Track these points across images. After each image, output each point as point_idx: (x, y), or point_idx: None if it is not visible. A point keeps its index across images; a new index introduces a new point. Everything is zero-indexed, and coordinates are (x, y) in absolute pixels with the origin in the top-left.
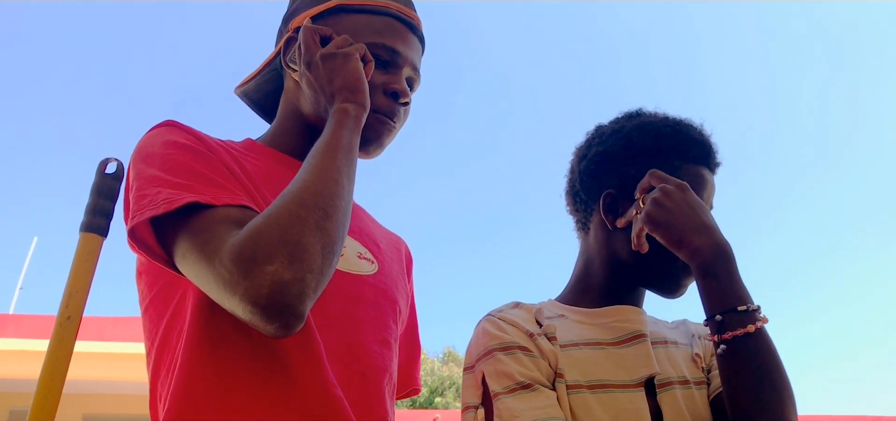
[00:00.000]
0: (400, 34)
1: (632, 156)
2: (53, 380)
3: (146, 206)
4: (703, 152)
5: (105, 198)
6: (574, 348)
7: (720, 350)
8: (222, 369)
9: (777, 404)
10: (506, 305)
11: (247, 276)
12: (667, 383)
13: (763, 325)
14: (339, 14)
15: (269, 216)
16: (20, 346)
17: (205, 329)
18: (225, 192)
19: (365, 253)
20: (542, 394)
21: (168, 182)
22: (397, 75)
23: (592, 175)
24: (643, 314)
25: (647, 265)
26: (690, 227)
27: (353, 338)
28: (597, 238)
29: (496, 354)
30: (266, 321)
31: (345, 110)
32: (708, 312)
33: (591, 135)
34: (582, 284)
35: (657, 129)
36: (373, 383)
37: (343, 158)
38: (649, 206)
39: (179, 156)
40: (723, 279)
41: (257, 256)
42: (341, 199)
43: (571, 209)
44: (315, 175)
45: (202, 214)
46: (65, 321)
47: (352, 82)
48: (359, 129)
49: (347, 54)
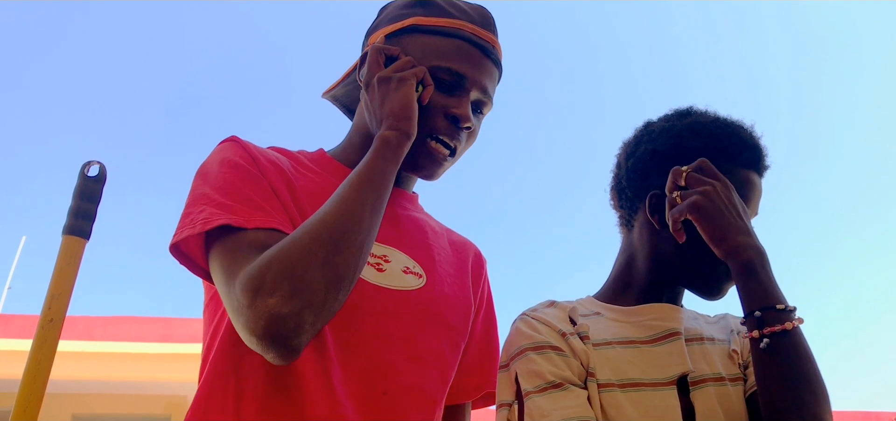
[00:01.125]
0: (470, 58)
1: (681, 156)
2: (36, 381)
3: (187, 225)
4: (754, 157)
5: (87, 200)
6: (607, 347)
7: (764, 344)
8: (242, 380)
9: (812, 402)
10: (541, 304)
11: (250, 306)
12: (700, 381)
13: (799, 325)
14: (413, 34)
15: (280, 248)
16: (8, 346)
17: (235, 342)
18: (261, 214)
19: (413, 267)
20: (572, 393)
21: (212, 201)
22: (461, 100)
23: (640, 173)
24: (679, 311)
25: (692, 266)
26: (736, 226)
27: (380, 356)
28: (641, 236)
29: (528, 353)
30: (263, 351)
31: (386, 139)
32: (746, 308)
33: (640, 132)
34: (621, 281)
35: (709, 130)
36: (395, 402)
37: (370, 190)
38: (699, 196)
39: (229, 175)
40: (762, 278)
41: (263, 287)
42: (358, 233)
43: (616, 205)
44: (335, 208)
45: (232, 236)
46: (47, 323)
47: (399, 110)
48: (398, 158)
49: (402, 79)
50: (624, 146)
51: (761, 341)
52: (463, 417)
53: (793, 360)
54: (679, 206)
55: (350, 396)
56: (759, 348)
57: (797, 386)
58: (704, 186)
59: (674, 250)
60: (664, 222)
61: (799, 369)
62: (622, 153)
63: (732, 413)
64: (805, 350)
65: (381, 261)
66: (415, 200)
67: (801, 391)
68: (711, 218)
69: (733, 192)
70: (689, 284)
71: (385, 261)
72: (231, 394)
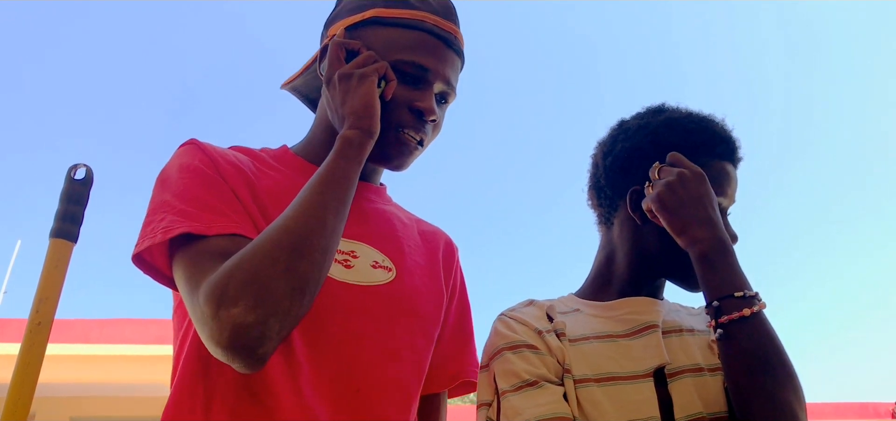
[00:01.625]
0: (432, 50)
1: (659, 151)
2: (24, 385)
3: (148, 235)
4: (729, 149)
5: (74, 203)
6: (584, 342)
7: (717, 335)
8: (211, 388)
9: (776, 388)
10: (519, 304)
11: (214, 316)
12: (677, 372)
13: (761, 309)
14: (374, 26)
15: (242, 256)
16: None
17: (201, 347)
18: (222, 219)
19: (382, 261)
20: (547, 390)
21: (172, 208)
22: (425, 92)
23: (619, 171)
24: (657, 304)
25: (675, 259)
26: (696, 217)
27: (351, 354)
28: (622, 232)
29: (505, 353)
30: (229, 360)
31: (348, 139)
32: (707, 298)
33: (615, 130)
34: (602, 277)
35: (684, 125)
36: (369, 398)
37: (332, 192)
38: (662, 188)
39: (188, 181)
40: (721, 268)
41: (225, 297)
42: (321, 238)
43: (594, 204)
44: (297, 213)
45: (193, 245)
46: (35, 327)
47: (360, 108)
48: (361, 157)
49: (363, 76)
50: (600, 146)
51: (716, 331)
52: (439, 406)
53: (753, 345)
54: (646, 198)
55: (321, 397)
56: (718, 337)
57: (759, 370)
58: (669, 178)
59: (657, 244)
60: (646, 217)
61: (760, 354)
62: (599, 152)
63: (711, 403)
64: (767, 335)
65: (349, 257)
66: (382, 193)
67: (763, 375)
68: (671, 210)
69: (704, 182)
70: (671, 276)
71: (353, 256)
72: (199, 400)
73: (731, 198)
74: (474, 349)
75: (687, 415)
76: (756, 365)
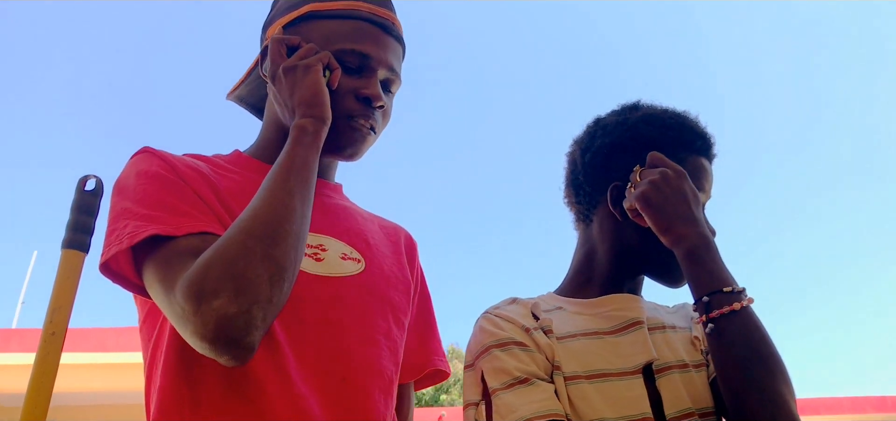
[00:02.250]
0: (372, 37)
1: (638, 147)
2: (40, 395)
3: (114, 242)
4: (706, 144)
5: (85, 214)
6: (571, 340)
7: (708, 329)
8: (197, 389)
9: (768, 380)
10: (503, 302)
11: (196, 312)
12: (665, 368)
13: (749, 304)
14: (311, 21)
15: (216, 249)
16: (24, 360)
17: (181, 349)
18: (189, 219)
19: (350, 252)
20: (539, 387)
21: (135, 214)
22: (370, 80)
23: (598, 167)
24: (640, 301)
25: (656, 254)
26: (680, 215)
27: (331, 343)
28: (602, 229)
29: (493, 350)
30: (217, 355)
31: (302, 127)
32: (695, 294)
33: (592, 127)
34: (582, 275)
35: (662, 121)
36: (355, 386)
37: (295, 179)
38: (646, 186)
39: (149, 186)
40: (708, 264)
41: (205, 291)
42: (292, 223)
43: (572, 201)
44: (264, 202)
45: (163, 247)
46: (49, 337)
47: (309, 97)
48: (317, 144)
49: (307, 66)
50: (577, 143)
51: (707, 325)
52: (407, 396)
53: (744, 339)
54: (630, 196)
55: (309, 387)
56: (708, 332)
57: (751, 364)
58: (652, 177)
59: (638, 240)
60: (626, 213)
61: (751, 348)
62: (576, 150)
63: (698, 398)
64: (756, 328)
65: (318, 250)
66: (339, 190)
67: (754, 369)
68: (656, 208)
69: (685, 179)
70: (653, 272)
71: (321, 250)
72: (186, 406)
73: (708, 193)
74: (439, 340)
75: (676, 410)
76: (747, 358)
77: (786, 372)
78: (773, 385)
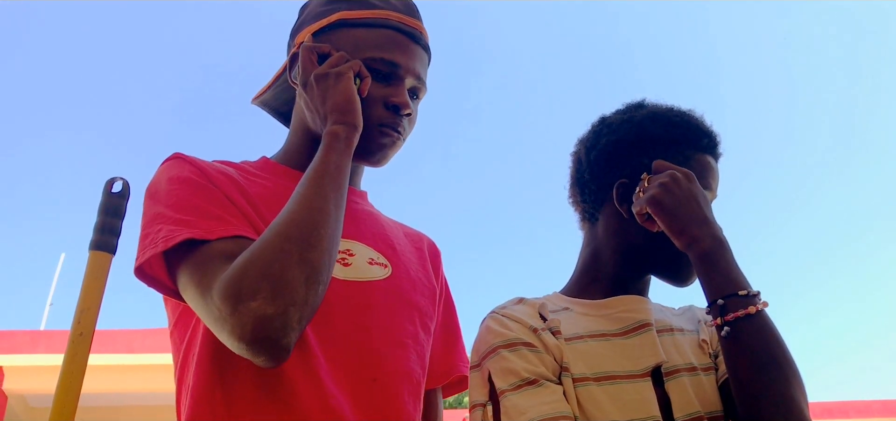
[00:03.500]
0: (401, 46)
1: (645, 145)
2: (68, 395)
3: (148, 246)
4: (712, 142)
5: (112, 216)
6: (579, 341)
7: (724, 332)
8: (230, 391)
9: (783, 384)
10: (509, 302)
11: (233, 313)
12: (674, 371)
13: (764, 308)
14: (340, 29)
15: (253, 252)
16: (52, 361)
17: (214, 352)
18: (221, 223)
19: (377, 258)
20: (547, 389)
21: (169, 219)
22: (398, 88)
23: (603, 165)
24: (648, 303)
25: (663, 253)
26: (694, 217)
27: (361, 345)
28: (608, 228)
29: (501, 351)
30: (253, 355)
31: (335, 134)
32: (709, 297)
33: (597, 126)
34: (588, 275)
35: (668, 119)
36: (385, 387)
37: (329, 185)
38: (657, 189)
39: (181, 191)
40: (722, 266)
41: (242, 292)
42: (326, 227)
43: (577, 200)
44: (300, 206)
45: (197, 250)
46: (78, 337)
47: (342, 104)
48: (349, 150)
49: (340, 73)
50: (581, 142)
51: (723, 329)
52: (436, 402)
53: (759, 343)
54: (639, 200)
55: (340, 387)
56: (724, 336)
57: (766, 368)
58: (662, 179)
59: (644, 238)
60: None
61: (767, 352)
62: (581, 148)
63: (707, 402)
64: (772, 332)
65: (346, 255)
66: (365, 197)
67: (770, 373)
68: (669, 211)
69: (694, 182)
70: (660, 271)
71: (349, 255)
72: (219, 406)
73: (714, 192)
74: (463, 347)
75: (685, 414)
76: (763, 363)
77: (800, 377)
78: (788, 391)
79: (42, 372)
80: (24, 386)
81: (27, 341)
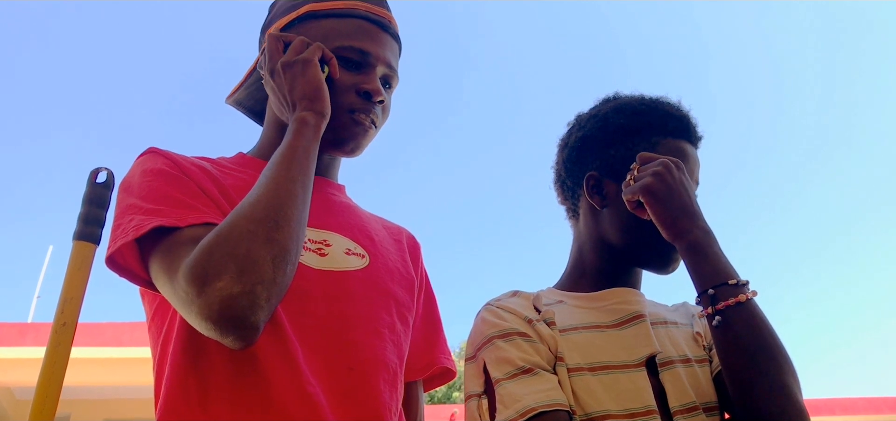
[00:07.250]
0: (370, 34)
1: (611, 136)
2: (51, 385)
3: (119, 235)
4: (682, 126)
5: (96, 206)
6: (574, 332)
7: (716, 322)
8: (205, 380)
9: (775, 371)
10: (504, 294)
11: (199, 294)
12: (668, 362)
13: (753, 296)
14: (309, 21)
15: (219, 233)
16: (39, 354)
17: (188, 342)
18: (193, 212)
19: (354, 248)
20: (542, 377)
21: (141, 209)
22: (369, 75)
23: (575, 160)
24: (641, 295)
25: (637, 243)
26: (685, 208)
27: (337, 334)
28: (586, 222)
29: (495, 341)
30: (222, 335)
31: (303, 120)
32: (699, 287)
33: (572, 124)
34: (577, 270)
35: (633, 108)
36: (361, 376)
37: (297, 168)
38: (651, 177)
39: (154, 182)
40: (711, 257)
41: (208, 272)
42: (294, 208)
43: (561, 198)
44: (267, 187)
45: (168, 237)
46: (61, 327)
47: (310, 91)
48: (317, 136)
49: (306, 60)
50: (560, 141)
51: (714, 318)
52: (416, 394)
53: (751, 331)
54: (632, 187)
55: (316, 376)
56: (715, 324)
57: (758, 356)
58: (656, 168)
59: (618, 229)
60: (604, 202)
61: (758, 340)
62: (559, 147)
63: (702, 392)
64: (762, 321)
65: (322, 245)
66: (343, 190)
67: (762, 361)
68: (661, 201)
69: (684, 171)
70: (640, 261)
71: (326, 245)
72: (194, 394)
73: (694, 179)
74: (444, 339)
75: (681, 404)
76: (754, 350)
77: (792, 364)
78: (781, 377)
79: (29, 364)
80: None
81: (14, 334)
